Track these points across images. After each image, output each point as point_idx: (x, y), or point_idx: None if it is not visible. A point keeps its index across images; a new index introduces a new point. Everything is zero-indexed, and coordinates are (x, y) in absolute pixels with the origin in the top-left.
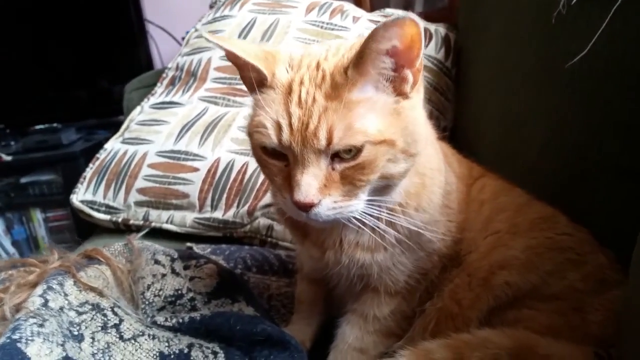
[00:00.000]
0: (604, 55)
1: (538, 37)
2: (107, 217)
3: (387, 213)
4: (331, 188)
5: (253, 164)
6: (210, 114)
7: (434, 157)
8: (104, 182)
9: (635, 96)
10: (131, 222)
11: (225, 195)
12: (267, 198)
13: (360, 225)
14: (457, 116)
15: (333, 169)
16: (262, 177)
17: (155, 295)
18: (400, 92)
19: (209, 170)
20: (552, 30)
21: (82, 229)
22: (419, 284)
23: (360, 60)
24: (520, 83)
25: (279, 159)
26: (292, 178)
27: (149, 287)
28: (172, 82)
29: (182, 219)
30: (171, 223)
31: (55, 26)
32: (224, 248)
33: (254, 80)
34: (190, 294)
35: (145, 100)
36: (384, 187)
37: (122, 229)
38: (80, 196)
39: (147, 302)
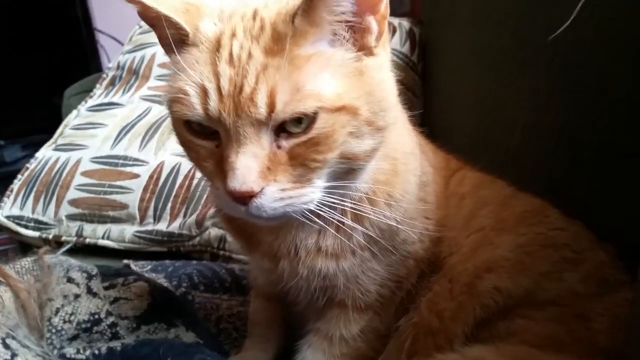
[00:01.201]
0: (592, 23)
1: (514, 12)
2: (36, 233)
3: (352, 204)
4: (277, 172)
5: None
6: (153, 114)
7: (406, 138)
8: (32, 194)
9: (634, 65)
10: (63, 238)
11: (170, 204)
12: None
13: (320, 222)
14: (426, 111)
15: (279, 147)
16: None
17: (64, 321)
18: (362, 46)
19: (150, 176)
20: (529, 3)
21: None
22: (394, 295)
23: (310, 4)
24: (497, 64)
25: (207, 138)
26: (224, 161)
27: (57, 311)
28: (112, 82)
29: (121, 234)
30: (108, 238)
31: (1, 39)
32: (167, 264)
33: (171, 40)
34: (111, 319)
35: (83, 103)
36: (347, 171)
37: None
38: (6, 211)
39: (53, 330)
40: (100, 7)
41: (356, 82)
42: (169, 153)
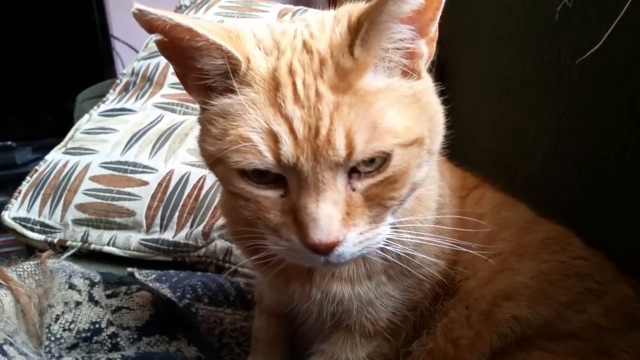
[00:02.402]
0: (624, 47)
1: (537, 35)
2: (41, 237)
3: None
4: (355, 216)
5: (212, 177)
6: (165, 122)
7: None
8: (40, 197)
9: None
10: (68, 243)
11: (177, 214)
12: None
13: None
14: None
15: (353, 189)
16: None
17: (64, 329)
18: (412, 72)
19: (159, 184)
20: (555, 26)
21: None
22: (406, 320)
23: (370, 33)
24: (518, 87)
25: (271, 187)
26: (300, 211)
27: (57, 318)
28: (126, 88)
29: (126, 241)
30: (113, 245)
31: (18, 42)
32: (171, 274)
33: (209, 76)
34: (112, 329)
35: (95, 107)
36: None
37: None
38: (12, 213)
39: (52, 338)
40: (117, 14)
41: (417, 110)
42: (179, 161)
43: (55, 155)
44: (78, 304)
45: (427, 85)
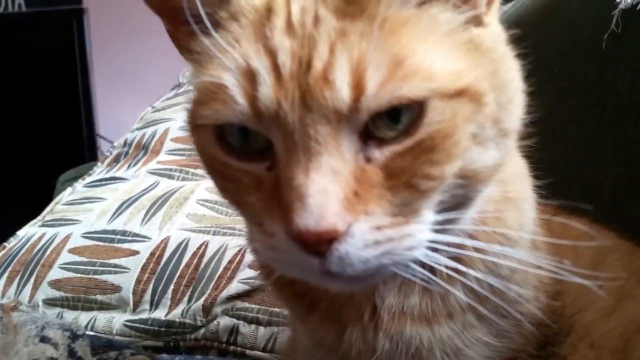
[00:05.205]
0: None
1: (578, 74)
2: None
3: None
4: (368, 199)
5: (216, 243)
6: (161, 188)
7: (516, 155)
8: (5, 275)
9: None
10: None
11: (172, 287)
12: (235, 286)
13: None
14: None
15: (368, 160)
16: (228, 257)
17: None
18: (472, 7)
19: (152, 254)
20: (601, 55)
21: None
22: None
23: None
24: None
25: (256, 159)
26: (284, 187)
27: None
28: (116, 159)
29: (108, 323)
30: (92, 329)
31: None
32: (165, 358)
33: (195, 16)
34: None
35: (80, 180)
36: (460, 199)
37: None
38: None
39: None
40: (103, 113)
41: (473, 57)
42: (175, 228)
43: (29, 230)
44: None
45: (494, 34)
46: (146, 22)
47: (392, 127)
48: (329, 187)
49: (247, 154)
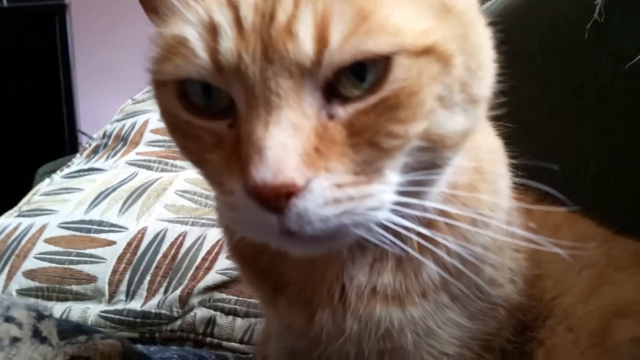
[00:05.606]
0: None
1: (560, 65)
2: None
3: (423, 221)
4: (329, 156)
5: (194, 234)
6: (139, 179)
7: (490, 132)
8: None
9: None
10: None
11: (148, 277)
12: (212, 277)
13: (391, 243)
14: None
15: (331, 117)
16: (206, 248)
17: None
18: None
19: (129, 244)
20: (583, 46)
21: None
22: None
23: None
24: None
25: (215, 117)
26: (244, 142)
27: None
28: (95, 151)
29: (83, 314)
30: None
31: None
32: (139, 349)
33: None
34: None
35: (58, 172)
36: (425, 165)
37: None
38: None
39: None
40: (85, 109)
41: (443, 18)
42: (153, 218)
43: (4, 220)
44: (15, 340)
45: (468, 1)
46: (128, 18)
47: (358, 86)
48: (288, 141)
49: (210, 112)
